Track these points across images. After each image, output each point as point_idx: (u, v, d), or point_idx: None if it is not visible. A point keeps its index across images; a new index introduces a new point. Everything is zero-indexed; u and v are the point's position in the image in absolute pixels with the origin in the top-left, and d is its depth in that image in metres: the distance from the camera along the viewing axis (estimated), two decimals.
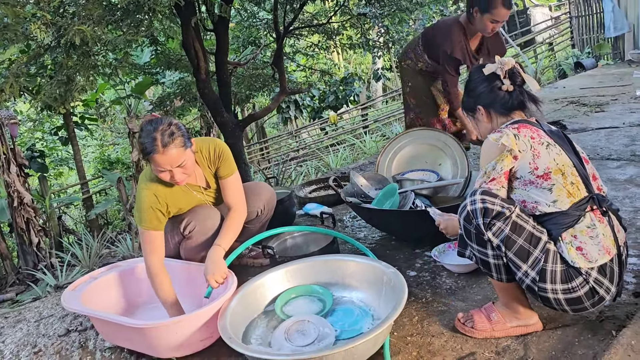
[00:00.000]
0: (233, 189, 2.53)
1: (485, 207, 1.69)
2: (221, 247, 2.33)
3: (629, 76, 8.12)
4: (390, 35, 7.02)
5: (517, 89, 1.86)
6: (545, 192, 1.71)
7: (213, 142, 2.51)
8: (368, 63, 18.18)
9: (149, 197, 2.28)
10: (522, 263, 1.69)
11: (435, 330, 1.99)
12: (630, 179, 3.39)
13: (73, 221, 10.00)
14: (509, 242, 1.68)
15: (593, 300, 1.69)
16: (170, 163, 2.16)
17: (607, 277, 1.68)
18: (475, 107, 1.94)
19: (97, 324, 2.30)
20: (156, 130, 2.13)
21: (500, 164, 1.74)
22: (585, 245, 1.67)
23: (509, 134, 1.74)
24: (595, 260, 1.66)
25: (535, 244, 1.68)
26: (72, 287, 2.39)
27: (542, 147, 1.73)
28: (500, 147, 1.74)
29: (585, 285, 1.67)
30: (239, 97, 8.05)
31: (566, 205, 1.69)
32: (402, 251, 2.79)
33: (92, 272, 2.57)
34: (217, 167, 2.50)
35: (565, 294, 1.68)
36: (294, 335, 1.96)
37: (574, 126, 5.18)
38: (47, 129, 11.03)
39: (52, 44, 3.84)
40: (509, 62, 1.86)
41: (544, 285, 1.68)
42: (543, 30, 13.67)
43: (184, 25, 4.44)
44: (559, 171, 1.71)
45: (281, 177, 7.16)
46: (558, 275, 1.67)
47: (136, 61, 7.77)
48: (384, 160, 3.41)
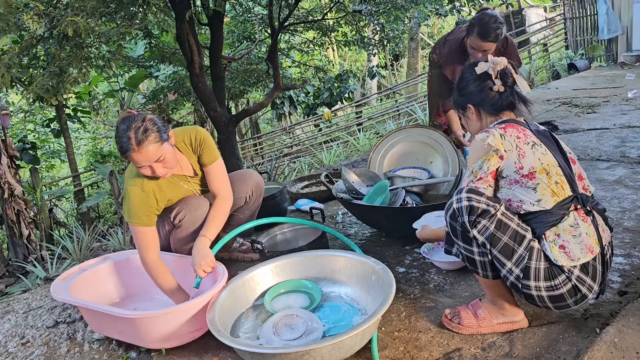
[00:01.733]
0: (217, 176, 2.52)
1: (471, 205, 1.70)
2: (206, 237, 2.34)
3: (621, 78, 8.17)
4: (385, 33, 7.02)
5: (508, 90, 1.87)
6: (529, 192, 1.73)
7: (194, 129, 2.49)
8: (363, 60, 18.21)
9: (136, 193, 2.28)
10: (507, 260, 1.71)
11: (422, 325, 2.01)
12: (619, 179, 3.42)
13: (64, 214, 9.95)
14: (494, 239, 1.70)
15: (576, 298, 1.71)
16: (148, 159, 2.15)
17: (589, 276, 1.70)
18: (465, 105, 1.95)
19: (86, 314, 2.30)
20: (129, 129, 2.12)
21: (487, 163, 1.76)
22: (568, 243, 1.69)
23: (495, 134, 1.76)
24: (577, 259, 1.68)
25: (520, 241, 1.70)
26: (62, 278, 2.39)
27: (527, 146, 1.75)
28: (486, 147, 1.75)
29: (568, 283, 1.69)
30: (233, 92, 8.06)
31: (550, 204, 1.71)
32: (391, 247, 2.81)
33: (81, 263, 2.57)
34: (199, 154, 2.49)
35: (548, 291, 1.70)
36: (282, 329, 1.98)
37: (565, 127, 5.22)
38: (39, 120, 10.96)
39: (45, 35, 3.83)
40: (501, 62, 1.87)
41: (527, 283, 1.70)
42: (537, 31, 13.72)
43: (178, 19, 4.43)
44: (544, 171, 1.73)
45: (274, 173, 7.16)
46: (541, 273, 1.69)
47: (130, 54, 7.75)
48: (375, 156, 3.42)
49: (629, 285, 2.09)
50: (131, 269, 2.57)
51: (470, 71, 1.93)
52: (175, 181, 2.45)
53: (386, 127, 8.61)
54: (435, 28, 19.60)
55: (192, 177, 2.53)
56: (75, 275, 2.43)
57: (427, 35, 19.10)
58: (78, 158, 12.52)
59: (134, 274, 2.56)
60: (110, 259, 2.61)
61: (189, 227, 2.46)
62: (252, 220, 2.83)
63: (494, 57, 1.89)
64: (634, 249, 2.39)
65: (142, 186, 2.29)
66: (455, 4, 7.15)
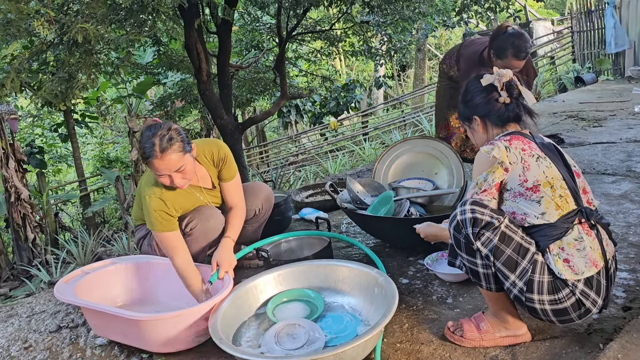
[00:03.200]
0: (234, 192, 2.61)
1: (475, 217, 1.70)
2: (231, 238, 2.45)
3: (628, 92, 8.16)
4: (392, 43, 7.05)
5: (514, 102, 1.88)
6: (534, 205, 1.73)
7: (216, 144, 2.55)
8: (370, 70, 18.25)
9: (155, 201, 2.30)
10: (510, 273, 1.71)
11: (424, 337, 2.00)
12: (624, 194, 3.41)
13: (70, 218, 10.00)
14: (498, 252, 1.70)
15: (579, 312, 1.70)
16: (169, 168, 2.18)
17: (593, 290, 1.69)
18: (471, 117, 1.96)
19: (91, 316, 2.30)
20: (155, 135, 2.16)
21: (492, 175, 1.76)
22: (572, 257, 1.68)
23: (501, 147, 1.76)
24: (581, 273, 1.67)
25: (524, 254, 1.70)
26: (65, 280, 2.40)
27: (532, 159, 1.75)
28: (491, 160, 1.76)
29: (572, 297, 1.68)
30: (239, 100, 8.08)
31: (554, 218, 1.70)
32: (395, 258, 2.81)
33: (84, 266, 2.57)
34: (219, 170, 2.55)
35: (552, 305, 1.70)
36: (284, 338, 1.97)
37: (571, 140, 5.21)
38: (47, 125, 11.04)
39: (55, 41, 3.86)
40: (506, 74, 1.88)
41: (531, 296, 1.70)
42: (545, 43, 13.74)
43: (187, 27, 4.46)
44: (548, 184, 1.72)
45: (279, 181, 7.17)
46: (545, 286, 1.68)
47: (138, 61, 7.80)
48: (381, 167, 3.42)
49: (633, 300, 2.08)
50: (136, 274, 2.58)
51: (476, 83, 1.94)
52: (191, 191, 2.47)
53: (392, 137, 8.62)
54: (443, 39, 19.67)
55: (210, 190, 2.57)
56: (79, 278, 2.44)
57: (435, 46, 19.15)
58: (85, 163, 12.58)
59: (139, 278, 2.57)
60: (115, 263, 2.62)
61: (199, 236, 2.47)
62: (260, 231, 2.87)
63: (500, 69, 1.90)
64: (639, 264, 2.38)
65: (160, 194, 2.32)
66: (462, 15, 7.17)
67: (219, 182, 2.60)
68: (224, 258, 2.33)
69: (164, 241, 2.31)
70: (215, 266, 2.30)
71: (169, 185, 2.27)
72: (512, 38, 3.00)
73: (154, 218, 2.29)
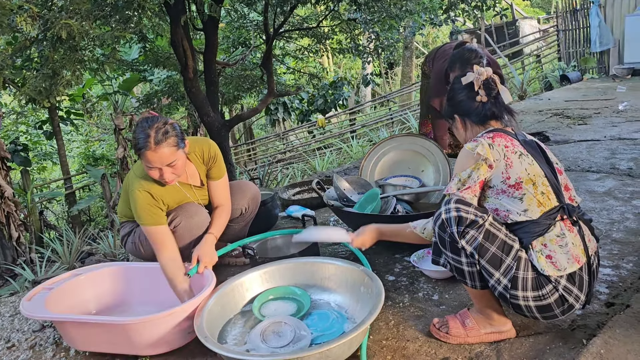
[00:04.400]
0: (221, 191, 2.62)
1: (460, 215, 1.71)
2: (214, 234, 2.45)
3: (612, 90, 8.25)
4: (380, 41, 7.06)
5: (492, 100, 1.89)
6: (516, 202, 1.74)
7: (207, 143, 2.55)
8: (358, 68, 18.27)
9: (143, 195, 2.29)
10: (495, 270, 1.72)
11: (410, 334, 2.01)
12: (608, 191, 3.45)
13: (55, 217, 9.88)
14: (482, 249, 1.71)
15: (563, 308, 1.72)
16: (161, 161, 2.18)
17: (576, 285, 1.71)
18: (452, 115, 1.98)
19: (69, 330, 2.13)
20: (151, 127, 2.16)
21: (477, 172, 1.77)
22: (554, 253, 1.70)
23: (484, 143, 1.77)
24: (564, 269, 1.69)
25: (508, 251, 1.71)
26: (28, 298, 2.24)
27: (515, 156, 1.77)
28: (475, 156, 1.77)
29: (555, 293, 1.70)
30: (226, 97, 8.05)
31: (537, 214, 1.72)
32: (382, 255, 2.81)
33: (44, 282, 2.40)
34: (208, 168, 2.55)
35: (535, 301, 1.71)
36: (270, 336, 1.97)
37: (556, 138, 5.25)
38: (32, 122, 10.90)
39: (39, 37, 3.82)
40: (485, 72, 1.89)
41: (515, 293, 1.71)
42: (531, 42, 13.85)
43: (173, 23, 4.43)
44: (530, 181, 1.74)
45: (266, 178, 7.16)
46: (529, 283, 1.70)
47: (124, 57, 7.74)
48: (367, 164, 3.43)
49: (616, 296, 2.11)
50: (101, 282, 2.48)
51: (458, 82, 1.96)
52: (178, 188, 2.46)
53: (379, 134, 8.64)
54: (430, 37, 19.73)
55: (198, 188, 2.56)
56: (43, 294, 2.28)
57: (422, 44, 19.21)
58: (70, 160, 12.46)
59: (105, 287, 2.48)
60: (76, 275, 2.47)
61: (183, 233, 2.46)
62: (246, 229, 2.86)
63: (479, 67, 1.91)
64: (622, 261, 2.41)
65: (149, 188, 2.31)
66: (449, 14, 7.20)
67: (207, 181, 2.59)
68: (205, 253, 2.33)
69: (152, 235, 2.29)
70: (196, 260, 2.30)
71: (157, 179, 2.26)
72: (464, 53, 3.05)
73: (142, 211, 2.28)
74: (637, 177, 3.71)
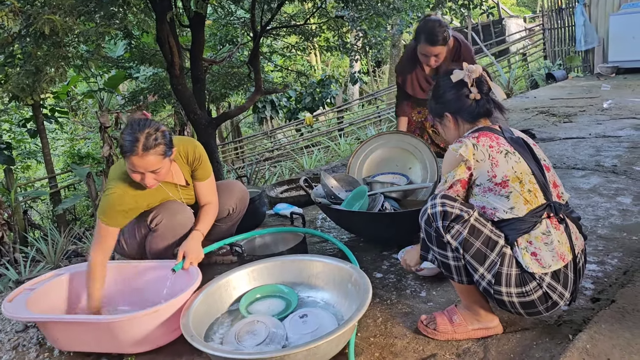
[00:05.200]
0: (207, 191, 2.60)
1: (445, 210, 1.72)
2: (200, 231, 2.43)
3: (597, 89, 8.34)
4: (367, 39, 7.05)
5: (484, 97, 1.89)
6: (502, 199, 1.74)
7: (192, 144, 2.52)
8: (346, 66, 18.26)
9: (116, 193, 2.26)
10: (479, 265, 1.73)
11: (398, 331, 2.01)
12: (593, 188, 3.48)
13: (39, 216, 9.76)
14: (467, 244, 1.72)
15: (547, 305, 1.73)
16: (145, 168, 2.16)
17: (560, 283, 1.71)
18: (442, 113, 1.97)
19: (53, 330, 2.10)
20: (141, 132, 2.13)
21: (457, 172, 1.79)
22: (539, 251, 1.70)
23: (468, 145, 1.78)
24: (548, 266, 1.69)
25: (492, 247, 1.72)
26: (10, 299, 2.19)
27: (500, 155, 1.77)
28: (458, 158, 1.78)
29: (539, 290, 1.70)
30: (213, 95, 7.99)
31: (523, 212, 1.72)
32: (369, 253, 2.81)
33: (25, 283, 2.34)
34: (193, 169, 2.53)
35: (519, 298, 1.72)
36: (244, 336, 1.95)
37: (542, 135, 5.29)
38: (15, 120, 10.74)
39: (22, 33, 3.75)
40: (476, 70, 1.89)
41: (499, 288, 1.72)
42: (517, 40, 13.96)
43: (158, 20, 4.38)
44: (517, 179, 1.74)
45: (254, 177, 7.13)
46: (513, 279, 1.71)
47: (109, 54, 7.65)
48: (355, 162, 3.42)
49: (602, 292, 2.12)
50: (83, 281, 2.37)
51: (446, 80, 1.95)
52: (160, 187, 2.43)
53: (367, 132, 8.65)
54: None
55: (182, 187, 2.53)
56: (24, 295, 2.22)
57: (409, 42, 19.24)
58: (55, 159, 12.29)
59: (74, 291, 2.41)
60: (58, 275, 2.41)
61: (165, 232, 2.44)
62: (234, 229, 2.85)
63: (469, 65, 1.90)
64: (607, 257, 2.43)
65: (124, 188, 2.27)
66: (437, 12, 7.21)
67: (193, 181, 2.57)
68: (191, 249, 2.31)
69: (100, 233, 2.27)
70: (182, 256, 2.28)
71: (139, 181, 2.23)
72: (427, 22, 3.05)
73: (105, 209, 2.26)
74: (621, 174, 3.75)
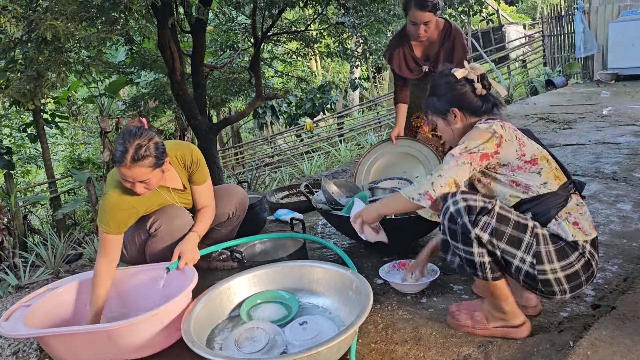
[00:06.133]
0: (205, 195, 2.60)
1: (468, 205, 1.73)
2: (197, 233, 2.44)
3: (596, 95, 8.36)
4: (368, 45, 7.08)
5: (489, 93, 1.96)
6: (534, 176, 1.82)
7: (189, 148, 2.53)
8: (346, 72, 18.29)
9: (114, 200, 2.27)
10: (516, 250, 1.74)
11: (399, 337, 2.01)
12: (593, 194, 3.48)
13: (39, 221, 9.75)
14: (498, 233, 1.72)
15: (587, 274, 1.79)
16: (134, 178, 2.18)
17: (597, 250, 1.82)
18: (447, 110, 1.97)
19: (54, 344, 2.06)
20: (131, 143, 2.13)
21: (485, 145, 1.80)
22: (579, 220, 1.79)
23: (497, 124, 1.83)
24: (589, 234, 1.79)
25: (524, 230, 1.75)
26: (5, 318, 2.11)
27: (524, 138, 1.86)
28: (491, 131, 1.81)
29: (582, 259, 1.76)
30: (214, 100, 8.01)
31: (555, 187, 1.81)
32: (370, 259, 2.81)
33: (21, 299, 2.27)
34: (190, 173, 2.53)
35: (564, 271, 1.75)
36: (244, 342, 1.95)
37: (542, 142, 5.29)
38: (16, 125, 10.75)
39: (23, 38, 3.77)
40: (478, 67, 1.97)
41: (542, 267, 1.73)
42: (517, 47, 13.99)
43: (160, 26, 4.41)
44: (544, 158, 1.84)
45: (254, 182, 7.13)
46: (554, 255, 1.75)
47: (110, 60, 7.67)
48: (364, 164, 3.38)
49: (602, 298, 2.13)
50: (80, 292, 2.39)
51: (447, 77, 1.97)
52: (157, 192, 2.43)
53: (367, 138, 8.65)
54: None
55: (179, 191, 2.53)
56: (21, 312, 2.17)
57: None
58: (55, 164, 12.29)
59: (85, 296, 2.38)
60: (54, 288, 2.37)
61: (164, 236, 2.44)
62: (233, 233, 2.85)
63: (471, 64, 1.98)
64: (607, 263, 2.43)
65: (121, 195, 2.28)
66: None
67: (190, 185, 2.57)
68: (187, 250, 2.32)
69: (103, 241, 2.28)
70: (177, 256, 2.29)
71: (129, 188, 2.25)
72: None
73: (105, 217, 2.26)
74: (621, 180, 3.76)
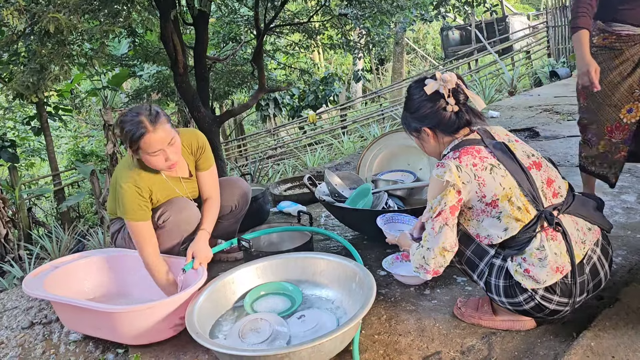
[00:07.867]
0: (209, 182, 2.59)
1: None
2: (206, 230, 2.44)
3: None
4: (371, 37, 7.05)
5: (463, 108, 1.80)
6: (495, 222, 1.73)
7: (195, 134, 2.53)
8: (349, 64, 18.25)
9: (130, 188, 2.26)
10: (472, 272, 1.82)
11: (402, 329, 2.02)
12: (597, 186, 3.46)
13: (44, 213, 9.79)
14: (459, 253, 1.81)
15: (544, 313, 1.74)
16: (163, 140, 2.17)
17: (556, 294, 1.69)
18: (420, 128, 1.87)
19: (61, 310, 2.25)
20: (139, 115, 2.15)
21: (445, 198, 1.72)
22: (533, 267, 1.68)
23: (452, 168, 1.70)
24: (543, 282, 1.67)
25: (481, 257, 1.78)
26: (34, 274, 2.33)
27: (485, 172, 1.70)
28: (444, 183, 1.71)
29: (531, 301, 1.72)
30: (217, 92, 8.00)
31: (516, 230, 1.70)
32: (373, 250, 2.81)
33: (53, 260, 2.50)
34: (197, 159, 2.52)
35: (513, 307, 1.77)
36: (248, 333, 1.96)
37: (546, 133, 5.29)
38: (19, 118, 10.77)
39: (26, 31, 3.76)
40: (450, 79, 1.77)
41: (491, 295, 1.79)
42: (521, 38, 13.93)
43: (162, 18, 4.39)
44: (506, 197, 1.69)
45: (257, 174, 7.14)
46: (501, 290, 1.76)
47: (113, 52, 7.66)
48: (367, 156, 3.38)
49: (605, 290, 2.12)
50: (107, 267, 2.53)
51: (419, 92, 1.83)
52: (166, 182, 2.44)
53: (370, 130, 8.63)
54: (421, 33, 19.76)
55: (187, 179, 2.53)
56: (48, 272, 2.36)
57: (413, 40, 19.23)
58: (59, 157, 12.32)
59: (110, 271, 2.52)
60: (85, 257, 2.54)
61: (172, 228, 2.44)
62: (237, 226, 2.85)
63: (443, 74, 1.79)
64: None
65: (136, 182, 2.28)
66: (440, 10, 7.21)
67: (196, 172, 2.57)
68: (200, 250, 2.32)
69: (135, 230, 2.27)
70: (191, 257, 2.29)
71: (163, 165, 2.22)
72: None
73: (128, 206, 2.25)
74: (625, 172, 3.74)
